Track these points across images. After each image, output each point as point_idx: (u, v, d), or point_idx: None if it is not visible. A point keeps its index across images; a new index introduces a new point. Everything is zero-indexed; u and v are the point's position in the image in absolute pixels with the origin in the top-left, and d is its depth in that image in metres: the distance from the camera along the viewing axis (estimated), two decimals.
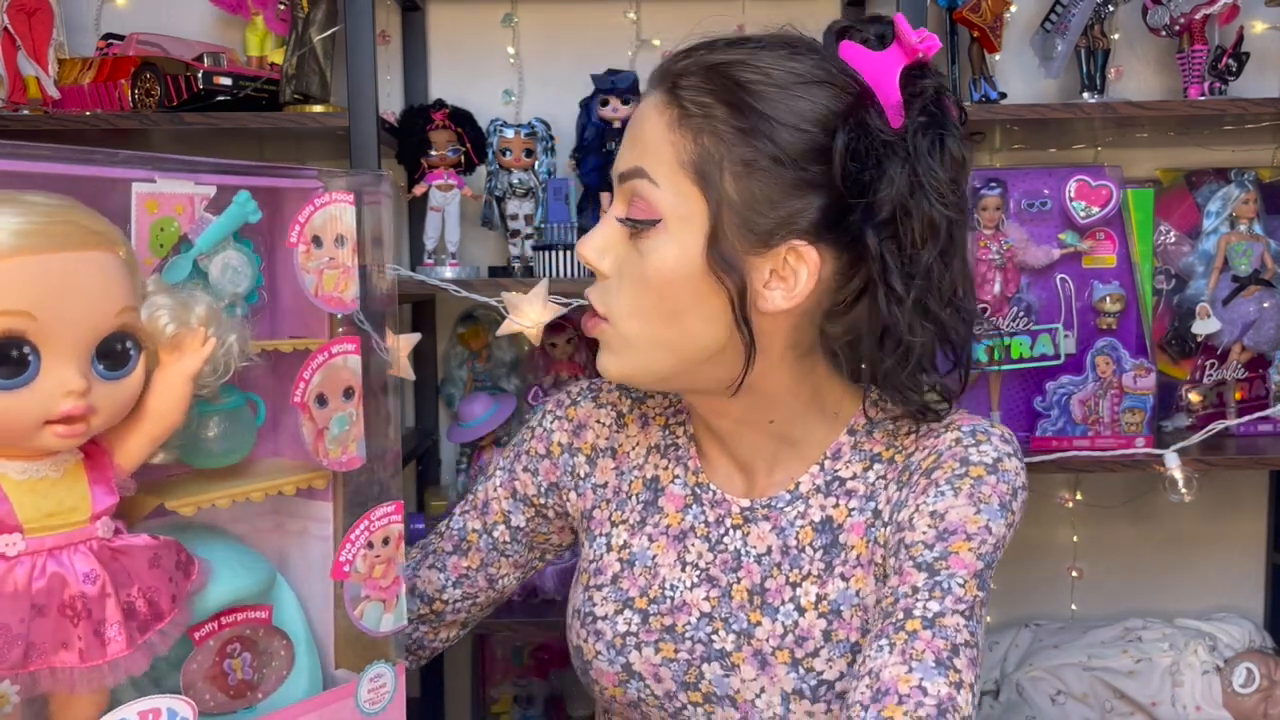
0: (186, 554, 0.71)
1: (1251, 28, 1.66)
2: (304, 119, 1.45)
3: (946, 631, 0.77)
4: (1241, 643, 1.69)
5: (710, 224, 0.82)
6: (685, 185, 0.83)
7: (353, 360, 0.79)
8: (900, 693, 0.75)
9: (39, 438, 0.63)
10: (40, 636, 0.62)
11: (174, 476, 0.76)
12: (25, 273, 0.60)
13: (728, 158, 0.82)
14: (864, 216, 0.83)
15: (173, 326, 0.67)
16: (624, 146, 0.88)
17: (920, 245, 0.83)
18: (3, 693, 0.63)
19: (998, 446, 0.87)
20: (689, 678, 0.91)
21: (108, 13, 1.70)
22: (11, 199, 0.62)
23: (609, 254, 0.87)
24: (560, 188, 1.55)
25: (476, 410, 1.59)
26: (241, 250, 0.75)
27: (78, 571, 0.64)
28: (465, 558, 1.03)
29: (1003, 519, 0.84)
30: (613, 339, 0.87)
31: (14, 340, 0.61)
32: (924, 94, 0.84)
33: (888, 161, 0.83)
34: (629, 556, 0.96)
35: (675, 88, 0.84)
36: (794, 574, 0.90)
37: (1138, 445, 1.50)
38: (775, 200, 0.82)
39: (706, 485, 0.96)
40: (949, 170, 0.84)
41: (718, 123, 0.82)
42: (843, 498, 0.91)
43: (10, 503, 0.63)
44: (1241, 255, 1.58)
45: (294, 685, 0.79)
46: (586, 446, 1.01)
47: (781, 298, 0.84)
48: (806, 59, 0.85)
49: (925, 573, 0.81)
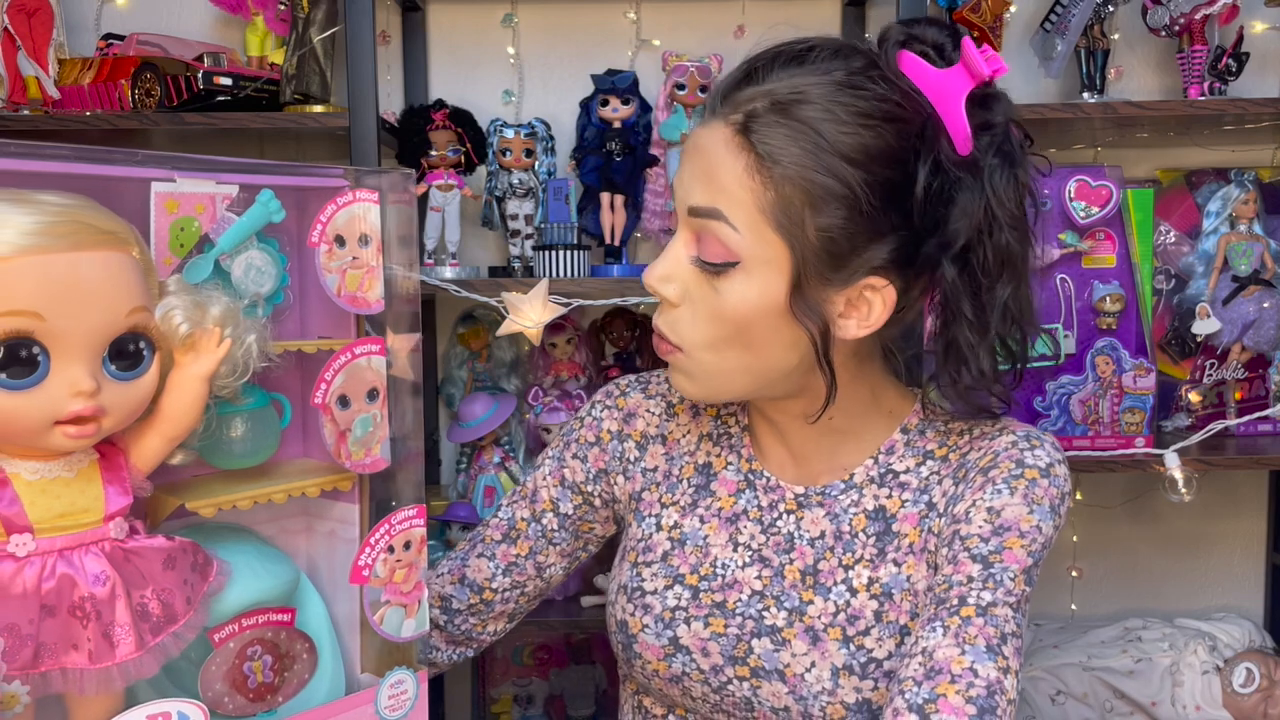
0: (204, 555, 0.70)
1: (1251, 28, 1.66)
2: (304, 119, 1.45)
3: (997, 620, 0.82)
4: (1241, 643, 1.69)
5: (793, 270, 0.83)
6: (766, 231, 0.83)
7: (377, 361, 0.78)
8: (953, 672, 0.79)
9: (49, 438, 0.63)
10: (50, 637, 0.62)
11: (198, 477, 0.76)
12: (33, 273, 0.60)
13: (808, 204, 0.82)
14: (938, 248, 0.85)
15: (186, 326, 0.67)
16: (690, 178, 0.87)
17: (993, 274, 0.86)
18: (13, 693, 0.62)
19: (1050, 453, 0.91)
20: (738, 652, 0.92)
21: (108, 13, 1.70)
22: (22, 199, 0.62)
23: (674, 282, 0.88)
24: (560, 188, 1.55)
25: (476, 410, 1.59)
26: (265, 250, 0.74)
27: (88, 573, 0.64)
28: (514, 546, 1.05)
29: (1051, 521, 0.88)
30: (689, 366, 0.89)
31: (22, 340, 0.61)
32: (995, 126, 0.85)
33: (960, 193, 0.84)
34: (680, 536, 0.99)
35: (747, 129, 0.83)
36: (847, 557, 0.93)
37: (1138, 445, 1.50)
38: (854, 243, 0.83)
39: (760, 472, 0.98)
40: (1019, 197, 0.85)
41: (796, 169, 0.82)
42: (896, 489, 0.93)
43: (21, 503, 0.63)
44: (1241, 255, 1.58)
45: (316, 689, 0.78)
46: (636, 434, 1.04)
47: (856, 327, 0.87)
48: (872, 87, 0.84)
49: (980, 564, 0.84)
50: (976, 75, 0.83)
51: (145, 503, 0.72)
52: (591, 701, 1.79)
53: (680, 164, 0.89)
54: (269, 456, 0.78)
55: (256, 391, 0.75)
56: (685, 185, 0.87)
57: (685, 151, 0.89)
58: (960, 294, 0.86)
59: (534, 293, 1.36)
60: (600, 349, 1.70)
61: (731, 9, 1.72)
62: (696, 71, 1.51)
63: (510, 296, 1.36)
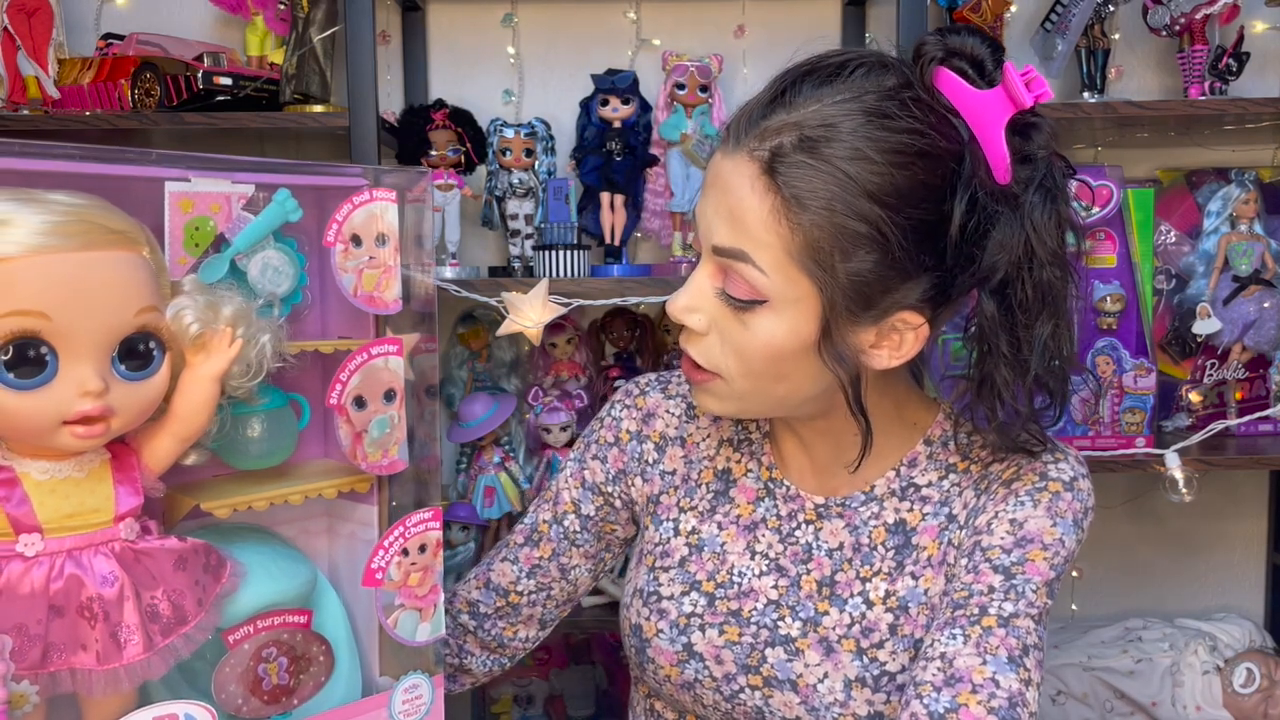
0: (218, 556, 0.70)
1: (1251, 28, 1.66)
2: (304, 119, 1.45)
3: (1019, 632, 0.81)
4: (1241, 643, 1.69)
5: (822, 312, 0.81)
6: (794, 274, 0.80)
7: (394, 362, 0.77)
8: (974, 682, 0.78)
9: (58, 438, 0.63)
10: (58, 637, 0.62)
11: (217, 477, 0.76)
12: (40, 272, 0.60)
13: (837, 249, 0.79)
14: (974, 283, 0.83)
15: (196, 326, 0.67)
16: (714, 214, 0.83)
17: (1032, 311, 0.82)
18: (22, 693, 0.62)
19: (1074, 467, 0.89)
20: (751, 661, 0.92)
21: (108, 13, 1.70)
22: (31, 198, 0.62)
23: (699, 312, 0.85)
24: (560, 188, 1.55)
25: (476, 410, 1.59)
26: (283, 250, 0.74)
27: (97, 573, 0.63)
28: (537, 548, 1.04)
29: (1075, 535, 0.87)
30: (725, 390, 0.87)
31: (30, 340, 0.61)
32: (1037, 158, 0.81)
33: (998, 226, 0.80)
34: (698, 542, 0.98)
35: (773, 170, 0.79)
36: (865, 570, 0.92)
37: (1138, 445, 1.50)
38: (886, 284, 0.80)
39: (780, 481, 0.97)
40: (1060, 233, 0.82)
41: (824, 214, 0.78)
42: (917, 503, 0.92)
43: (31, 503, 0.63)
44: (1242, 255, 1.58)
45: (332, 691, 0.77)
46: (655, 435, 1.03)
47: (888, 358, 0.85)
48: (906, 118, 0.79)
49: (1002, 575, 0.83)
50: (1018, 101, 0.79)
51: (162, 502, 0.72)
52: (591, 701, 1.79)
53: (703, 193, 0.85)
54: (287, 457, 0.77)
55: (274, 392, 0.75)
56: (709, 220, 0.83)
57: (708, 182, 0.85)
58: (998, 329, 0.83)
59: (534, 293, 1.36)
60: (600, 349, 1.70)
61: (732, 9, 1.72)
62: (696, 71, 1.51)
63: (510, 296, 1.36)
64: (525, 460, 1.65)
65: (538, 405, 1.56)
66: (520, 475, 1.63)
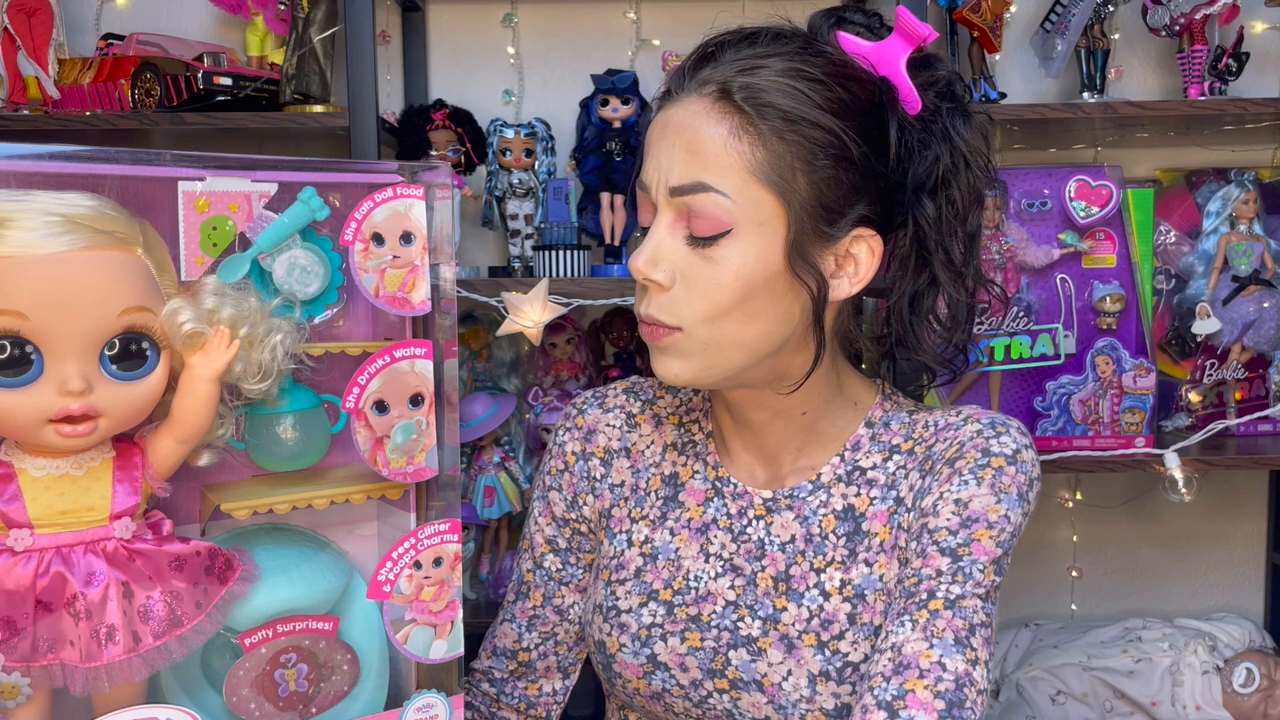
0: (225, 558, 0.69)
1: (1251, 28, 1.66)
2: (304, 119, 1.45)
3: (965, 612, 0.82)
4: (1241, 643, 1.69)
5: (788, 227, 0.84)
6: (758, 192, 0.83)
7: (421, 365, 0.74)
8: (921, 667, 0.79)
9: (43, 435, 0.63)
10: (47, 632, 0.62)
11: (258, 477, 0.74)
12: (17, 272, 0.60)
13: (798, 158, 0.83)
14: (915, 194, 0.89)
15: (189, 326, 0.66)
16: (667, 160, 0.85)
17: (966, 212, 0.90)
18: (14, 684, 0.63)
19: (1016, 439, 0.90)
20: (715, 665, 0.92)
21: (108, 13, 1.70)
22: (13, 199, 0.62)
23: (662, 265, 0.85)
24: (560, 188, 1.55)
25: (476, 410, 1.59)
26: (311, 249, 0.71)
27: (82, 572, 0.63)
28: (528, 599, 1.04)
29: (1020, 509, 0.88)
30: (685, 346, 0.87)
31: (15, 339, 0.61)
32: (938, 81, 0.90)
33: (927, 141, 0.89)
34: (651, 551, 0.97)
35: (727, 94, 0.83)
36: (818, 560, 0.92)
37: (1138, 445, 1.50)
38: (842, 194, 0.85)
39: (727, 479, 0.97)
40: (980, 135, 0.91)
41: (781, 126, 0.83)
42: (864, 487, 0.93)
43: (23, 498, 0.63)
44: (1241, 255, 1.58)
45: (353, 702, 0.75)
46: (599, 450, 1.03)
47: (848, 285, 0.88)
48: (827, 53, 0.87)
49: (949, 557, 0.84)
50: (912, 38, 0.86)
51: (197, 501, 0.71)
52: (591, 702, 1.79)
53: (648, 152, 0.88)
54: (318, 460, 0.74)
55: (305, 393, 0.73)
56: (662, 169, 0.85)
57: (653, 137, 0.87)
58: (939, 229, 0.89)
59: (534, 293, 1.35)
60: (600, 349, 1.70)
61: (732, 9, 1.71)
62: None
63: (510, 296, 1.36)
64: (525, 460, 1.65)
65: (538, 405, 1.56)
66: (520, 475, 1.63)
